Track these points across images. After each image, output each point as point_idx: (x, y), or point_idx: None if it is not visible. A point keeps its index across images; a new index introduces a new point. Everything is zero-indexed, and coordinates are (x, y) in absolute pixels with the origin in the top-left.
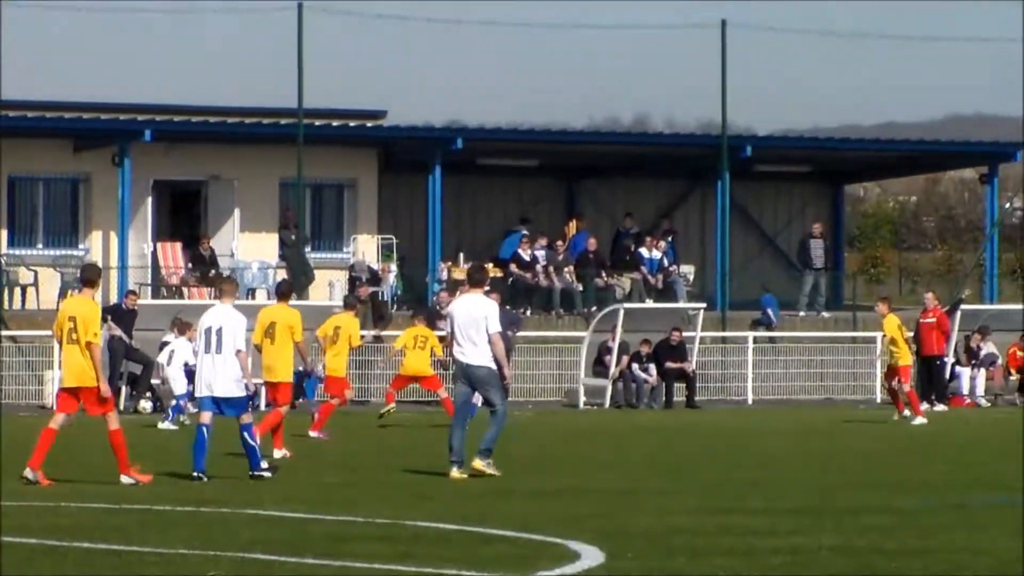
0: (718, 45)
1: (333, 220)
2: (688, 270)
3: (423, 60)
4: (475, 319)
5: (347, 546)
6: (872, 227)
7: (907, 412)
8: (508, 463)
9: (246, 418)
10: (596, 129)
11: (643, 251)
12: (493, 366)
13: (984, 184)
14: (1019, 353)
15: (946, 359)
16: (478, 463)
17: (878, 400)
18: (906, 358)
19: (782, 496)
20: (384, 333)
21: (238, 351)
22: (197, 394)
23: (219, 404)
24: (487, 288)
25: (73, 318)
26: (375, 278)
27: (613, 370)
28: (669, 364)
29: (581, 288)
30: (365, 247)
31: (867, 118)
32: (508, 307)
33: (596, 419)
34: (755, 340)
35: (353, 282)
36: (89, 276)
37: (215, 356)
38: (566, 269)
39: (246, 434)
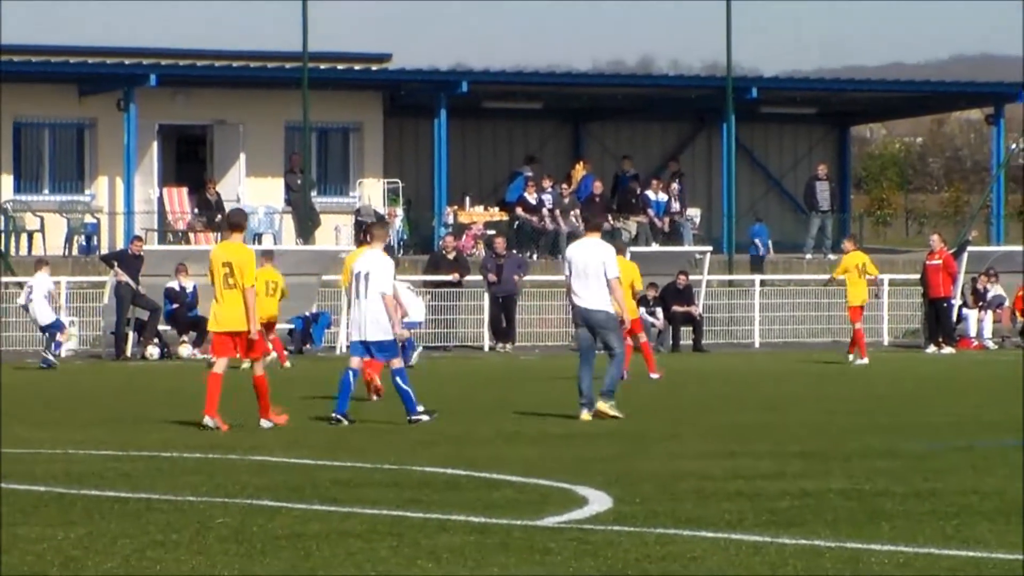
0: None
1: (339, 164)
2: (694, 213)
3: (428, 2)
4: (593, 263)
5: (354, 492)
6: (878, 169)
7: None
8: (514, 407)
9: (396, 363)
10: (601, 71)
11: (649, 194)
12: (611, 310)
13: (990, 125)
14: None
15: (953, 301)
16: (603, 405)
17: (886, 343)
18: (855, 298)
19: (790, 439)
20: None
21: (383, 294)
22: (349, 339)
23: (369, 348)
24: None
25: (228, 263)
26: (381, 222)
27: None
28: (676, 308)
29: None
30: (371, 191)
31: (873, 59)
32: (514, 251)
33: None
34: (761, 283)
35: (359, 226)
36: (236, 220)
37: (363, 301)
38: (572, 212)
39: (398, 378)
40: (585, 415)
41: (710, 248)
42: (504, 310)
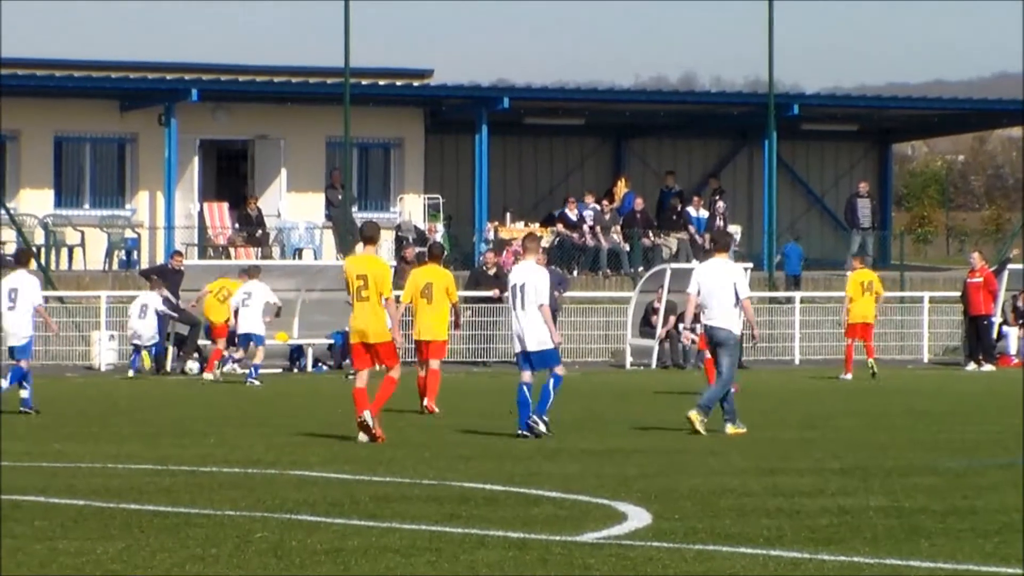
0: (766, 3)
1: (380, 180)
2: (735, 230)
3: (470, 18)
4: (723, 283)
5: (393, 507)
6: (920, 186)
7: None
8: (555, 424)
9: (559, 370)
10: (643, 88)
11: (690, 210)
12: (736, 331)
13: None
14: None
15: (993, 319)
16: (694, 415)
17: (925, 360)
18: (852, 316)
19: (830, 456)
20: None
21: (540, 305)
22: (515, 351)
23: (530, 358)
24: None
25: (363, 276)
26: (422, 238)
27: (660, 330)
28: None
29: (628, 248)
30: (412, 207)
31: (915, 76)
32: (554, 267)
33: (643, 379)
34: (802, 300)
35: (400, 242)
36: (369, 233)
37: (520, 312)
38: (613, 229)
39: (550, 382)
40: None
41: (750, 265)
42: None
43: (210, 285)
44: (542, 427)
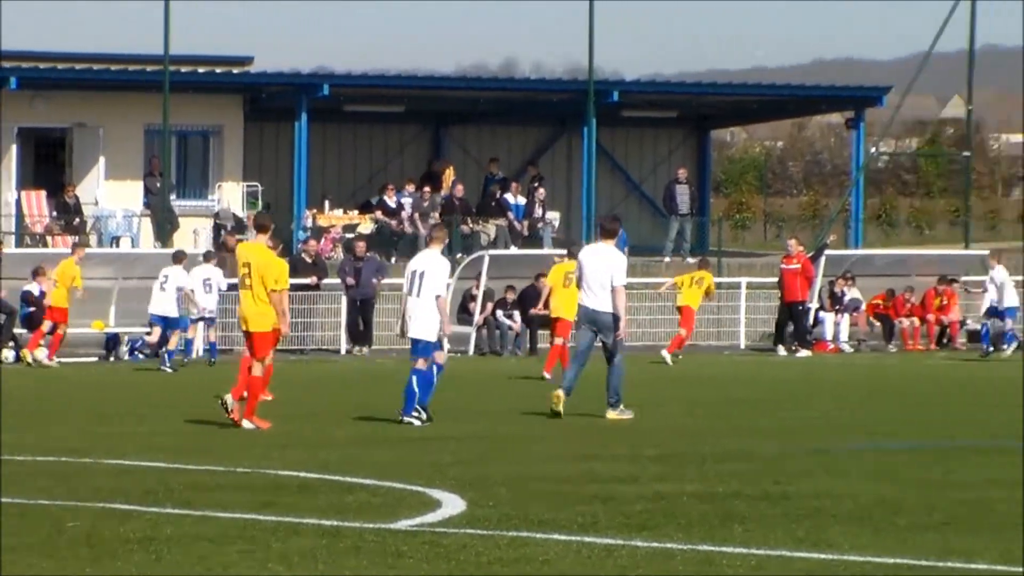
0: None
1: (198, 167)
2: (554, 216)
3: (290, 6)
4: (603, 268)
5: (207, 495)
6: (738, 172)
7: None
8: (370, 411)
9: (421, 363)
10: (463, 74)
11: (508, 197)
12: (619, 314)
13: (850, 129)
14: (876, 301)
15: (808, 305)
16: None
17: (742, 346)
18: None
19: (645, 442)
20: None
21: (437, 296)
22: (403, 335)
23: (415, 345)
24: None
25: (248, 264)
26: (240, 226)
27: (478, 317)
28: (534, 311)
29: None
30: (230, 195)
31: (734, 63)
32: (373, 254)
33: (460, 366)
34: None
35: (218, 230)
36: (260, 222)
37: (413, 298)
38: (432, 215)
39: (414, 378)
40: (559, 396)
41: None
42: (362, 313)
43: (56, 272)
44: (416, 423)
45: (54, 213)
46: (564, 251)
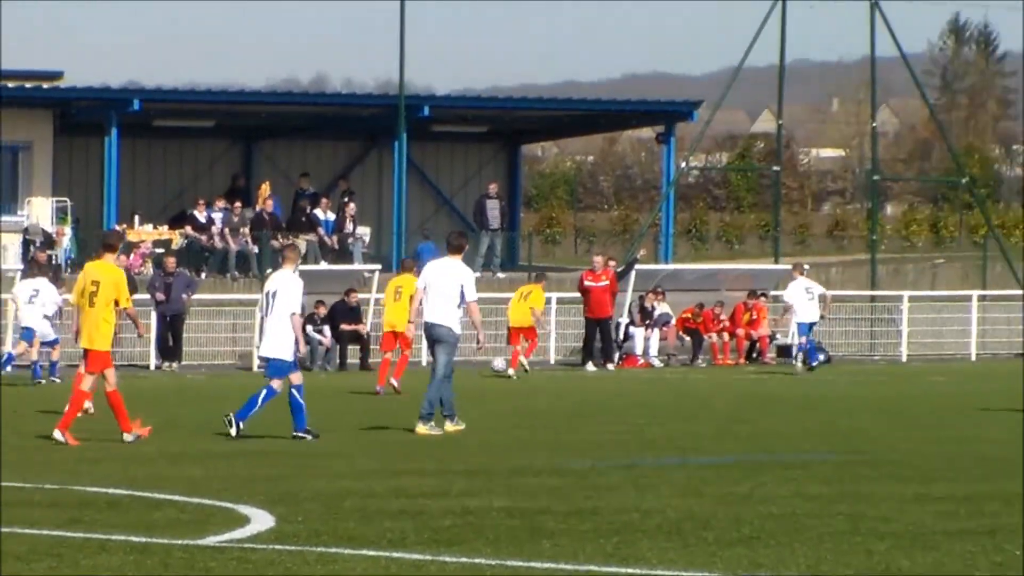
0: (397, 4)
1: (8, 182)
2: (364, 231)
3: (101, 20)
4: (451, 283)
5: (14, 512)
6: (549, 187)
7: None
8: (178, 427)
9: (277, 384)
10: (273, 89)
11: (318, 212)
12: (456, 330)
13: (661, 143)
14: (686, 315)
15: (618, 320)
16: (448, 426)
17: (552, 361)
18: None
19: (455, 457)
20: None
21: (292, 314)
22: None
23: (270, 365)
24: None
25: (97, 282)
26: (49, 241)
27: None
28: (344, 326)
29: (257, 250)
30: (39, 210)
31: (546, 77)
32: (182, 269)
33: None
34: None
35: (27, 245)
36: (109, 241)
37: (269, 318)
38: (242, 231)
39: (295, 392)
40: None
41: (379, 267)
42: (171, 329)
43: None
44: (309, 438)
45: None
46: (378, 266)
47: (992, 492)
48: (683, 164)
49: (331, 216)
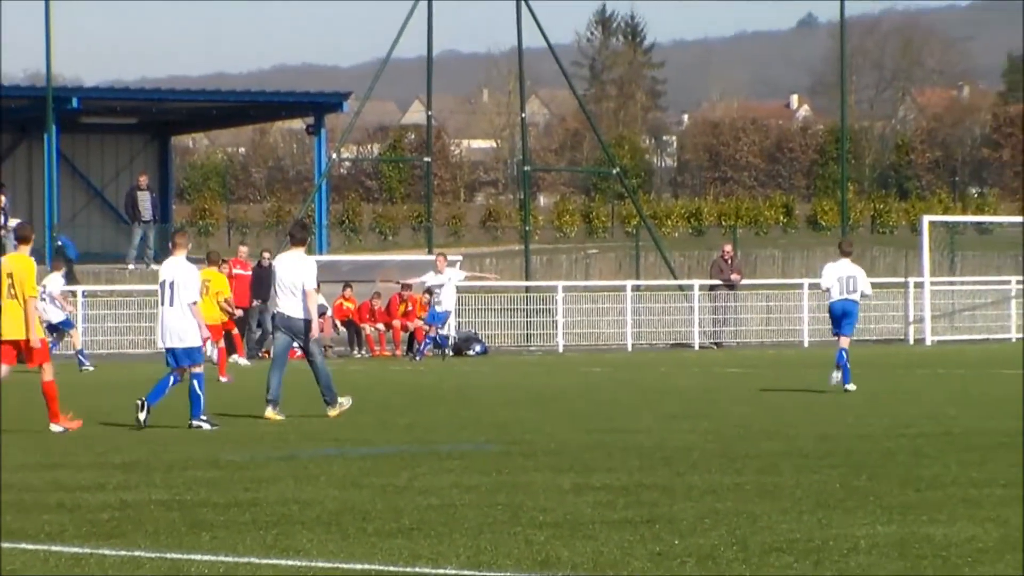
0: None
1: None
2: (16, 223)
3: None
4: (295, 275)
5: None
6: (201, 178)
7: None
8: None
9: (197, 368)
10: None
11: None
12: (310, 318)
13: (311, 134)
14: (345, 304)
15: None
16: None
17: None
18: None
19: (112, 450)
20: None
21: (193, 302)
22: (160, 345)
23: (176, 355)
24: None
25: (11, 275)
26: None
27: None
28: None
29: None
30: None
31: (196, 69)
32: None
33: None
34: (85, 294)
35: None
36: (22, 234)
37: (167, 308)
38: None
39: (195, 382)
40: (271, 413)
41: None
42: None
43: None
44: (206, 426)
45: None
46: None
47: (649, 482)
48: (334, 155)
49: None
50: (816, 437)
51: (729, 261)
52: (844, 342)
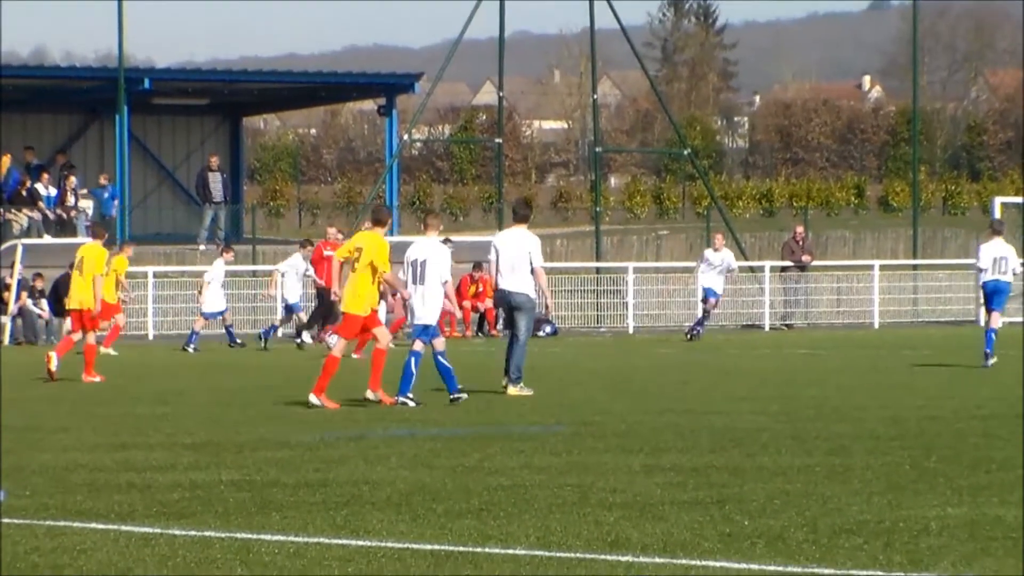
0: None
1: None
2: (87, 205)
3: None
4: (520, 251)
5: None
6: (272, 160)
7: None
8: None
9: (419, 345)
10: None
11: (39, 186)
12: (532, 296)
13: (383, 116)
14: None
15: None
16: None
17: (280, 333)
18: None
19: (182, 431)
20: None
21: (444, 281)
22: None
23: (427, 331)
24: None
25: (359, 248)
26: None
27: (13, 306)
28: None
29: None
30: None
31: (267, 50)
32: None
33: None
34: (155, 275)
35: None
36: (379, 217)
37: (419, 287)
38: None
39: (440, 358)
40: (514, 390)
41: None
42: None
43: None
44: (411, 403)
45: None
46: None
47: (719, 463)
48: (405, 136)
49: (52, 191)
50: (886, 419)
51: (800, 242)
52: (995, 319)
